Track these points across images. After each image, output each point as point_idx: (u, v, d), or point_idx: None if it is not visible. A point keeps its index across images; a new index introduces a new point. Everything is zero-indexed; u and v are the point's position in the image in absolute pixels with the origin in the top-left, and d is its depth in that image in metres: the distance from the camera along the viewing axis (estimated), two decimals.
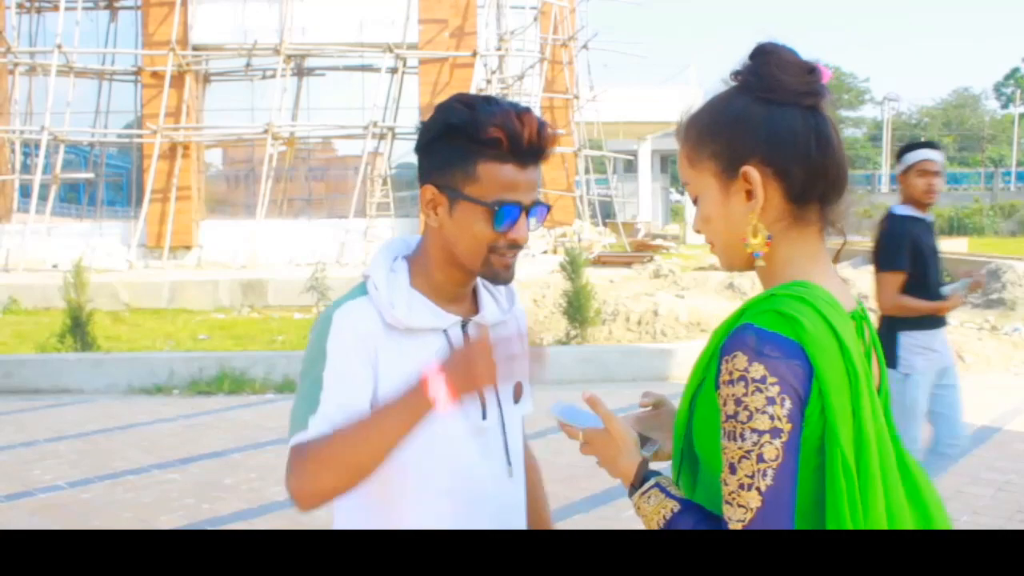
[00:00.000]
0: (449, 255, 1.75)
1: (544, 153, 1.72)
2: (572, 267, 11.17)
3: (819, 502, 1.35)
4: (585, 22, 27.03)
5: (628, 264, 19.82)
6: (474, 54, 21.79)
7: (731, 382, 1.31)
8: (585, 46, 26.47)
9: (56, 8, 21.84)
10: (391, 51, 21.82)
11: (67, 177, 22.69)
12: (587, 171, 26.51)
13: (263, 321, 14.56)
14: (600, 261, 20.32)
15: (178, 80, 21.65)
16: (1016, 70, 73.71)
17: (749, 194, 1.43)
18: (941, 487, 6.10)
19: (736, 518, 1.31)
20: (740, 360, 1.31)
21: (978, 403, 8.21)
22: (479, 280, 1.86)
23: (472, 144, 1.67)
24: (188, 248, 21.58)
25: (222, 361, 9.45)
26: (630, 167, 40.60)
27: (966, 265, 18.08)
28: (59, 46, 21.39)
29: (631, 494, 1.51)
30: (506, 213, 1.69)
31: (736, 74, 1.46)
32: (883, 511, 1.35)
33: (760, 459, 1.29)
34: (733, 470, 1.32)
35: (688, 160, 1.49)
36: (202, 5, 21.93)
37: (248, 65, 23.22)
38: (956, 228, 39.35)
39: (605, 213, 27.64)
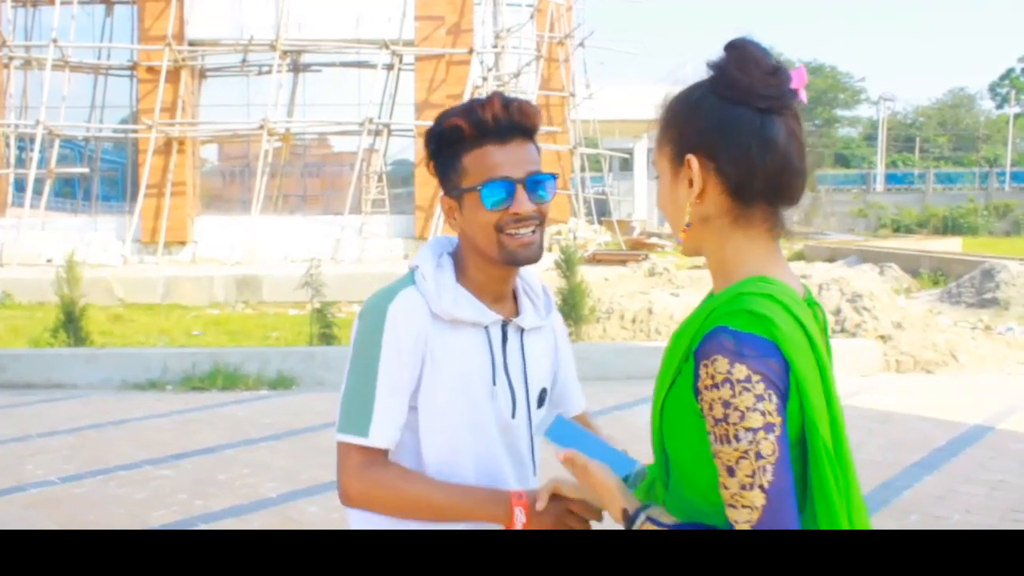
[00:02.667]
0: (479, 253, 1.82)
1: (520, 125, 1.77)
2: (567, 265, 11.16)
3: (803, 487, 1.38)
4: (581, 20, 27.05)
5: (623, 262, 19.83)
6: (470, 51, 21.76)
7: (715, 386, 1.32)
8: (581, 44, 26.46)
9: (52, 2, 21.78)
10: (387, 47, 21.78)
11: (62, 171, 22.62)
12: (583, 169, 26.50)
13: (258, 317, 14.55)
14: (595, 259, 20.32)
15: (174, 75, 21.61)
16: (1011, 71, 73.84)
17: (691, 182, 1.47)
18: (934, 486, 6.09)
19: (743, 519, 1.31)
20: (721, 363, 1.32)
21: (971, 402, 8.23)
22: (519, 284, 1.93)
23: (449, 145, 1.78)
24: (183, 244, 21.55)
25: (216, 357, 9.43)
26: (626, 165, 40.63)
27: (960, 265, 18.12)
28: (55, 40, 21.33)
29: (627, 528, 1.49)
30: (492, 190, 1.75)
31: (709, 66, 1.49)
32: (857, 493, 1.40)
33: (758, 456, 1.30)
34: (732, 472, 1.32)
35: (656, 143, 1.55)
36: (198, 0, 21.88)
37: (244, 61, 23.18)
38: (950, 228, 39.42)
39: (600, 211, 27.61)
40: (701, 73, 1.49)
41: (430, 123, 1.70)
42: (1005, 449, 6.76)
